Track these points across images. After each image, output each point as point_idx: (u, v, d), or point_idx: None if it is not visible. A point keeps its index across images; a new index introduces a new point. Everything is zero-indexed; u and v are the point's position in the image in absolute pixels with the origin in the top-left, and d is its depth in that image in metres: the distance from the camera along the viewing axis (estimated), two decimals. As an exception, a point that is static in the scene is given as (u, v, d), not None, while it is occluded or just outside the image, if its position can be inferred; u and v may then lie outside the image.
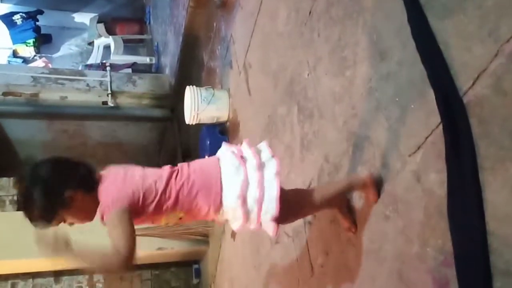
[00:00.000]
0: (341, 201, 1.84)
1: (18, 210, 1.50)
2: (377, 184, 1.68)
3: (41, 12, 7.61)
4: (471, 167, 1.23)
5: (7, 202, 4.64)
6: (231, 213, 1.59)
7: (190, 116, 3.64)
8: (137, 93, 5.23)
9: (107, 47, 6.93)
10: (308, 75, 2.27)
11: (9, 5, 7.63)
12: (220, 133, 3.74)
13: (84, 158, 1.63)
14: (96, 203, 1.52)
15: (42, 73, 5.08)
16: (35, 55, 7.44)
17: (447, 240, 1.32)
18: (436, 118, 1.37)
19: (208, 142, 3.65)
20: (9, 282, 4.51)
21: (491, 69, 1.19)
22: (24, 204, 1.49)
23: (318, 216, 2.18)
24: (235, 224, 1.61)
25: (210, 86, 3.89)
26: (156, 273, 4.87)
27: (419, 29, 1.46)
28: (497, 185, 1.17)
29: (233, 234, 3.65)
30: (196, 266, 4.90)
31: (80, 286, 4.65)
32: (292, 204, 1.64)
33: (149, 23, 7.45)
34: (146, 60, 6.79)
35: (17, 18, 7.37)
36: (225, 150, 1.67)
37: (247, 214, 1.55)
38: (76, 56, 7.83)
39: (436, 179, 1.38)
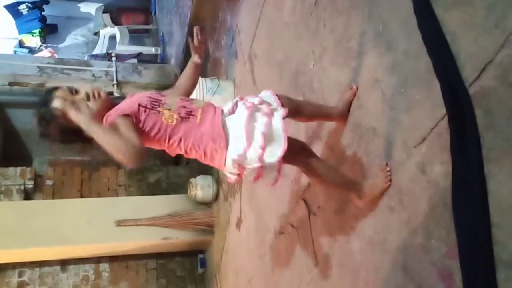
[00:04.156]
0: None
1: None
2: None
3: (46, 2, 7.60)
4: (476, 158, 1.22)
5: (14, 192, 4.67)
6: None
7: (196, 106, 3.64)
8: (143, 83, 5.23)
9: (112, 37, 6.93)
10: (313, 65, 2.27)
11: (15, -5, 7.63)
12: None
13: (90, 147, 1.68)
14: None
15: (48, 63, 5.09)
16: (41, 45, 7.44)
17: (451, 232, 1.32)
18: (442, 110, 1.37)
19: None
20: (16, 270, 4.56)
21: (498, 60, 1.19)
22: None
23: (323, 207, 2.19)
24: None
25: (215, 77, 3.89)
26: (162, 262, 4.90)
27: (425, 20, 1.45)
28: (502, 176, 1.17)
29: (238, 224, 3.67)
30: (201, 255, 4.93)
31: (86, 274, 4.69)
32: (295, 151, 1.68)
33: (155, 13, 7.44)
34: (152, 50, 6.78)
35: (23, 8, 7.36)
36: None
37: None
38: (82, 46, 7.83)
39: (441, 171, 1.38)
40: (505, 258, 1.15)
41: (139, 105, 1.61)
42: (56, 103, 1.59)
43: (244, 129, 1.56)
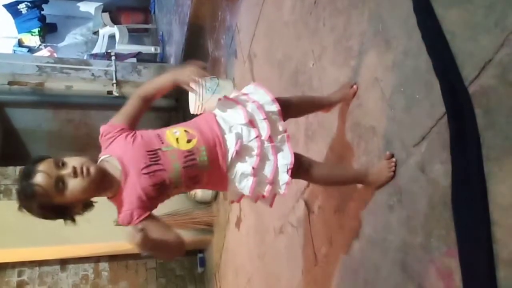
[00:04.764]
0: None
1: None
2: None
3: (46, 1, 7.60)
4: (476, 157, 1.22)
5: (14, 191, 4.67)
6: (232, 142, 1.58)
7: (195, 106, 3.64)
8: (142, 82, 5.21)
9: (112, 37, 6.92)
10: (313, 65, 2.27)
11: (14, -6, 7.63)
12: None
13: (89, 147, 1.62)
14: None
15: (48, 62, 5.08)
16: (40, 45, 7.44)
17: (451, 231, 1.32)
18: (441, 109, 1.37)
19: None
20: (16, 270, 4.56)
21: (497, 59, 1.19)
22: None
23: (323, 206, 2.19)
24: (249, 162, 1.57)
25: (214, 76, 3.88)
26: (161, 262, 4.90)
27: (425, 19, 1.45)
28: (502, 175, 1.17)
29: (238, 224, 3.67)
30: (200, 255, 4.94)
31: (86, 274, 4.70)
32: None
33: (154, 12, 7.44)
34: (151, 49, 6.78)
35: (22, 7, 7.36)
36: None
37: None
38: (81, 46, 7.83)
39: (441, 170, 1.38)
40: (505, 256, 1.15)
41: (147, 199, 1.46)
42: (39, 179, 1.36)
43: (248, 194, 1.61)
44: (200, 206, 4.56)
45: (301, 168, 1.64)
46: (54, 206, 1.41)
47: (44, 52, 7.20)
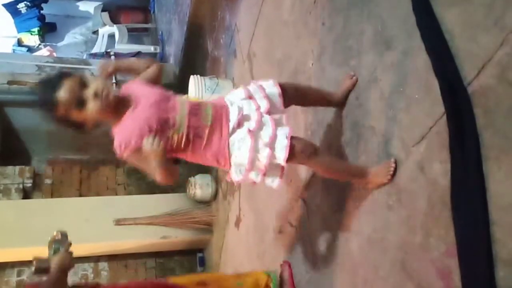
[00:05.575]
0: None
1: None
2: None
3: (45, 1, 7.59)
4: (475, 157, 1.23)
5: (13, 191, 4.67)
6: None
7: (194, 105, 3.64)
8: (142, 82, 5.21)
9: (111, 36, 6.92)
10: (312, 64, 2.27)
11: (14, -7, 7.62)
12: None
13: (89, 146, 1.68)
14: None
15: (47, 62, 5.09)
16: (39, 44, 7.44)
17: (450, 230, 1.32)
18: (441, 108, 1.37)
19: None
20: (15, 269, 4.55)
21: (497, 59, 1.19)
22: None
23: (322, 205, 2.19)
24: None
25: (214, 75, 3.88)
26: (161, 261, 4.90)
27: (424, 18, 1.45)
28: (501, 175, 1.17)
29: (237, 223, 3.67)
30: (200, 254, 4.93)
31: (85, 273, 4.69)
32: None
33: (154, 12, 7.44)
34: (151, 49, 6.78)
35: (21, 6, 7.36)
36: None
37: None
38: (81, 45, 7.83)
39: (440, 169, 1.38)
40: (504, 256, 1.16)
41: (149, 130, 1.59)
42: (62, 94, 1.51)
43: (247, 160, 1.64)
44: (200, 205, 4.56)
45: (304, 152, 1.66)
46: (69, 120, 1.59)
47: (44, 51, 7.21)
